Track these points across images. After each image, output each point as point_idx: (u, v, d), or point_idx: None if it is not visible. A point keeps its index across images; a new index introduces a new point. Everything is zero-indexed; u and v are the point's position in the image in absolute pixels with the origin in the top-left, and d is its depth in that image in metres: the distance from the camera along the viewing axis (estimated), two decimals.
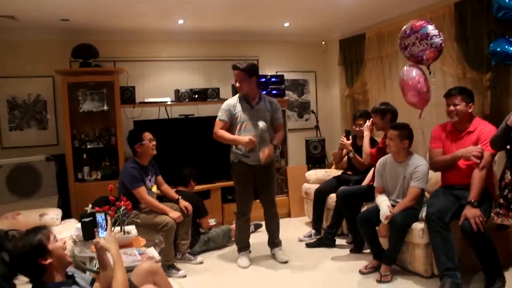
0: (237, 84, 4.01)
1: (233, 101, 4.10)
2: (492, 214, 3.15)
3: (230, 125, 4.07)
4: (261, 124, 3.87)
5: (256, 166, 3.98)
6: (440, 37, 3.73)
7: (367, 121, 4.52)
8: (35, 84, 5.32)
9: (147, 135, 4.12)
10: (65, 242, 2.26)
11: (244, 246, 4.26)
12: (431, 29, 3.72)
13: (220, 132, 4.05)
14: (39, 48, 5.30)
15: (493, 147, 3.20)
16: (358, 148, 4.59)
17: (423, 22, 3.79)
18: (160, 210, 4.00)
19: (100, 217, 2.62)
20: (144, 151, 4.10)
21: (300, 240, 4.70)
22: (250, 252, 4.28)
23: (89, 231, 2.56)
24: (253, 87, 4.04)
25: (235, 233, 4.39)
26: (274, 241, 4.32)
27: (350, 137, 4.64)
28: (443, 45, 3.79)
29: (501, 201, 2.89)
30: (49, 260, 2.10)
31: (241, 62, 4.03)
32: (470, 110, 3.49)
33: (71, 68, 5.28)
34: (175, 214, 3.99)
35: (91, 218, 2.59)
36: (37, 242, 2.11)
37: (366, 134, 4.44)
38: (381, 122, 4.27)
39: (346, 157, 4.89)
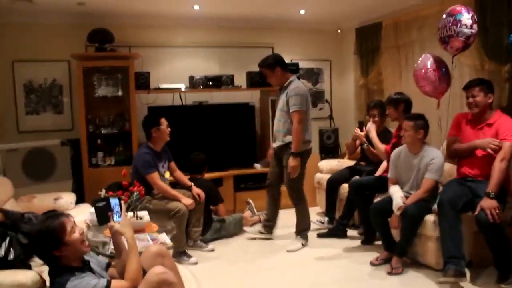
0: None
1: None
2: None
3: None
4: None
5: (276, 152, 4.32)
6: (470, 28, 3.61)
7: (374, 117, 4.52)
8: (51, 68, 5.35)
9: (164, 121, 4.16)
10: (82, 233, 2.24)
11: (265, 219, 4.53)
12: (465, 17, 3.61)
13: None
14: (55, 32, 5.32)
15: None
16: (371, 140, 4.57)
17: (463, 8, 3.68)
18: (173, 196, 4.02)
19: (113, 202, 2.63)
20: (160, 136, 4.12)
21: (313, 223, 4.65)
22: (265, 225, 4.49)
23: (103, 216, 2.57)
24: (277, 78, 4.19)
25: None
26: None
27: (364, 128, 4.60)
28: (472, 38, 3.68)
29: None
30: (63, 252, 2.13)
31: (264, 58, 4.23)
32: (489, 101, 3.46)
33: (86, 52, 5.30)
34: (187, 200, 4.00)
35: (105, 202, 2.61)
36: (52, 234, 2.11)
37: (373, 136, 4.39)
38: (395, 113, 4.20)
39: (360, 147, 4.86)
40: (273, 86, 4.43)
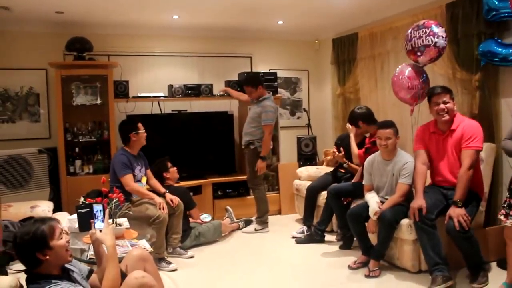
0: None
1: None
2: (500, 216, 3.08)
3: None
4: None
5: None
6: (444, 40, 3.75)
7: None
8: (28, 76, 5.30)
9: (141, 126, 4.21)
10: (68, 241, 2.22)
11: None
12: (440, 30, 3.74)
13: None
14: (33, 40, 5.29)
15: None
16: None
17: (435, 21, 3.82)
18: (146, 196, 4.04)
19: (97, 208, 2.63)
20: (139, 140, 4.18)
21: (293, 237, 4.74)
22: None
23: (84, 222, 2.56)
24: (257, 94, 4.91)
25: None
26: None
27: (341, 149, 4.69)
28: (444, 50, 3.81)
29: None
30: (47, 257, 2.10)
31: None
32: (455, 108, 3.56)
33: (65, 61, 5.28)
34: (159, 199, 4.03)
35: (88, 209, 2.61)
36: (39, 235, 2.09)
37: (351, 135, 4.52)
38: (359, 129, 4.47)
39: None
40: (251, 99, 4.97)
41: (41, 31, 5.30)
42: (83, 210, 2.58)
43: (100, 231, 2.48)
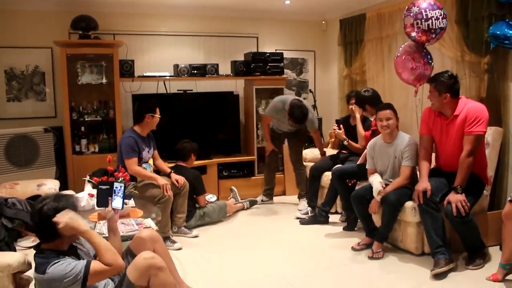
0: None
1: None
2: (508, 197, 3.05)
3: None
4: None
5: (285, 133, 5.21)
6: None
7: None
8: (34, 55, 5.28)
9: (158, 111, 4.18)
10: None
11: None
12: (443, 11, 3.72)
13: None
14: (38, 19, 5.26)
15: None
16: (352, 128, 4.65)
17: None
18: (149, 178, 4.03)
19: (118, 186, 2.68)
20: (151, 123, 4.16)
21: (297, 218, 4.77)
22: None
23: (103, 199, 2.62)
24: None
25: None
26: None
27: (341, 126, 4.68)
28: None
29: None
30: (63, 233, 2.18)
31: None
32: (444, 101, 3.39)
33: (70, 39, 5.25)
34: (162, 180, 4.00)
35: (108, 186, 2.65)
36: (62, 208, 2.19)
37: (357, 117, 4.50)
38: (366, 112, 4.47)
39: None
40: None
41: (46, 9, 5.26)
42: (103, 187, 2.65)
43: (115, 209, 2.56)
